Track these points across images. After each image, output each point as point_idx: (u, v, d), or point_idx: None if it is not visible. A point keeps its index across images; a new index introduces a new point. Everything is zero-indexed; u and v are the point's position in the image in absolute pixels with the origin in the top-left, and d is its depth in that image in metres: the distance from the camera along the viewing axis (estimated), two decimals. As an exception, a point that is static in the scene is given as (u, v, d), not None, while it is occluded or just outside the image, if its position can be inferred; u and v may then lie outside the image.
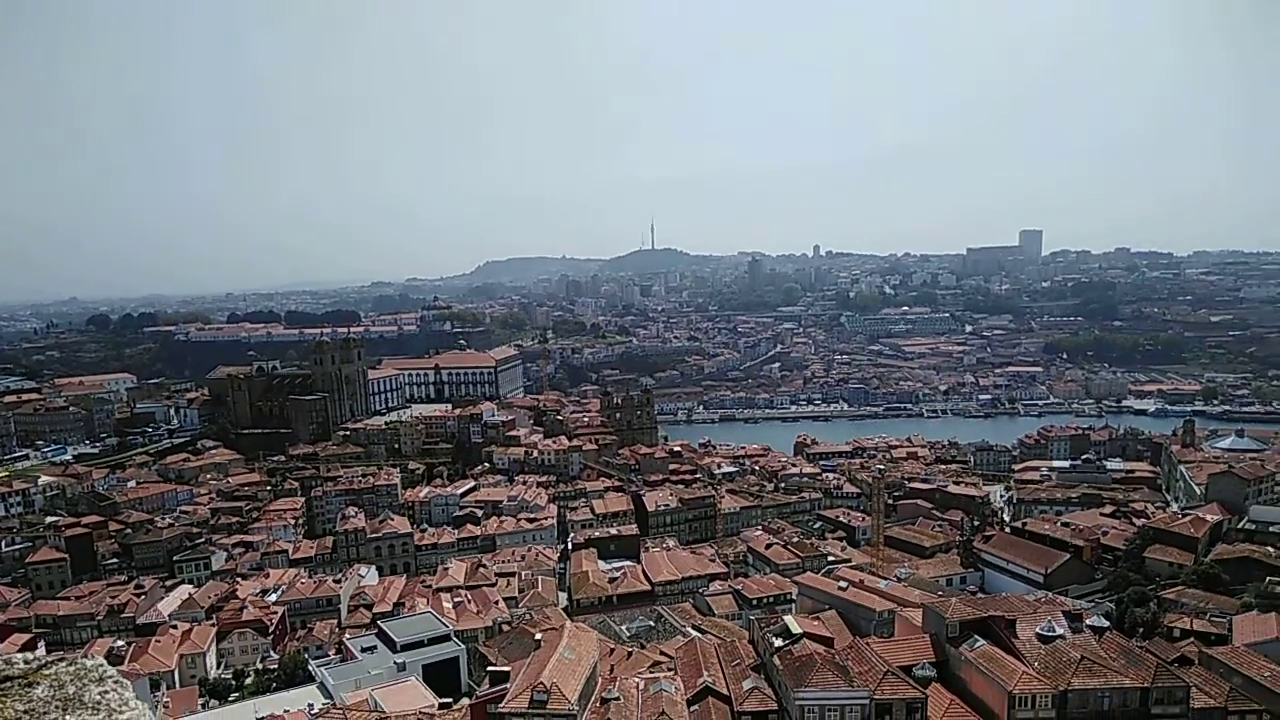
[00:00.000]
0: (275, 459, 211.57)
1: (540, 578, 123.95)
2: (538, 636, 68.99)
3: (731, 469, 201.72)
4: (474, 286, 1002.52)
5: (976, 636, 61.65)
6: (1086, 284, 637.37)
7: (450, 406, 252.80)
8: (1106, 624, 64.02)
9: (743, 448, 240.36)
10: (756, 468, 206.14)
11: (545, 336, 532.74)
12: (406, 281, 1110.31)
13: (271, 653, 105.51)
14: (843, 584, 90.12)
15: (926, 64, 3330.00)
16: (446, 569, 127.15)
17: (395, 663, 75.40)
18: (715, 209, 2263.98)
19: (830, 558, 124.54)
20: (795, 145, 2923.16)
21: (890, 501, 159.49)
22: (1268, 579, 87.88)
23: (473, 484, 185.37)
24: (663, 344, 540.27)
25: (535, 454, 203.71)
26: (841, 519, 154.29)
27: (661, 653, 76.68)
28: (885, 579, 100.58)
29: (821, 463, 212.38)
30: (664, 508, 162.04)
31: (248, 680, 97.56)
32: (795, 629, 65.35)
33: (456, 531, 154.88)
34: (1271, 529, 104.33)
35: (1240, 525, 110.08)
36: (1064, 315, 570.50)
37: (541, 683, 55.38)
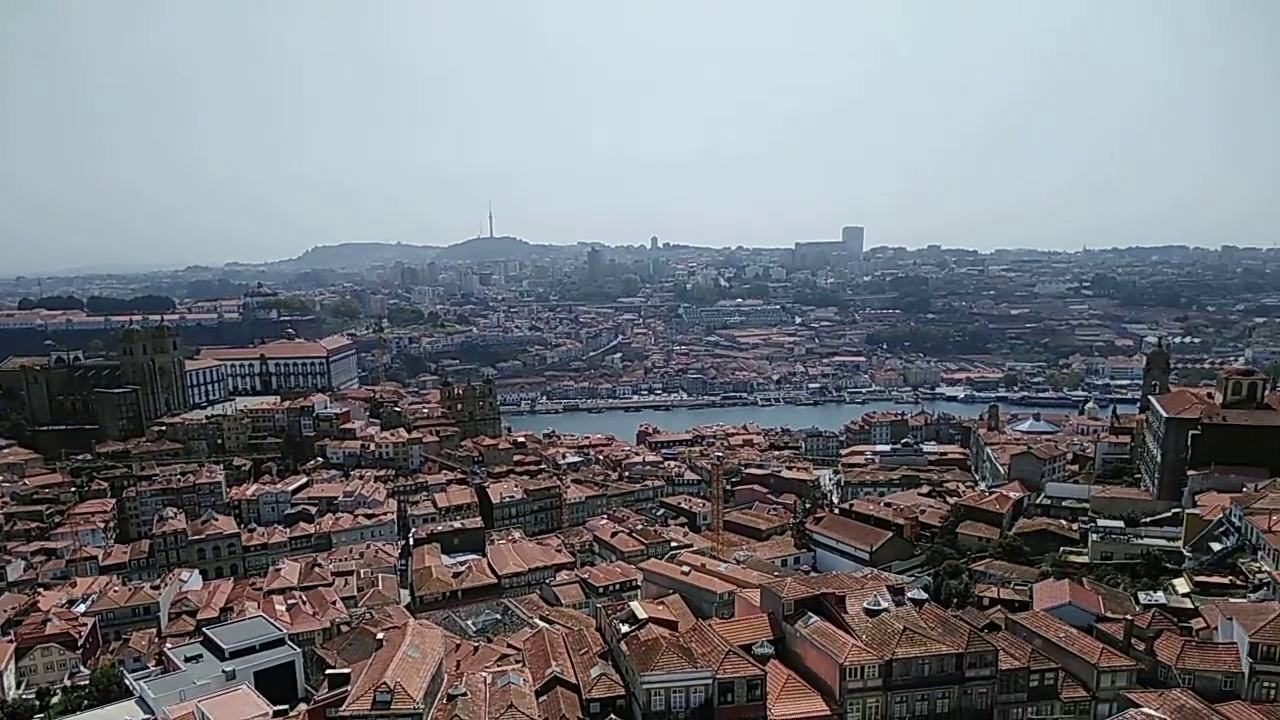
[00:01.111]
0: (80, 458, 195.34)
1: (380, 575, 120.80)
2: (379, 636, 67.26)
3: (576, 459, 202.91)
4: (302, 273, 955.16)
5: (810, 613, 64.89)
6: (903, 279, 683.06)
7: (279, 399, 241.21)
8: (925, 596, 68.98)
9: (587, 437, 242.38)
10: (601, 457, 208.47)
11: (380, 325, 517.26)
12: (226, 266, 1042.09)
13: (81, 668, 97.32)
14: (685, 568, 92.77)
15: (760, 70, 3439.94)
16: (278, 570, 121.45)
17: (224, 671, 71.08)
18: (555, 197, 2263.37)
19: (673, 543, 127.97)
20: (635, 137, 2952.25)
21: (729, 487, 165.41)
22: (1061, 549, 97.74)
23: (305, 480, 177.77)
24: (504, 334, 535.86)
25: (372, 447, 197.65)
26: (683, 505, 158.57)
27: (509, 645, 76.38)
28: (725, 562, 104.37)
29: (663, 451, 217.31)
30: (509, 499, 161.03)
31: (54, 699, 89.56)
32: (641, 614, 66.52)
33: (288, 530, 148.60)
34: (1064, 504, 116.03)
35: (1038, 501, 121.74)
36: (883, 308, 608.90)
37: (384, 683, 53.93)
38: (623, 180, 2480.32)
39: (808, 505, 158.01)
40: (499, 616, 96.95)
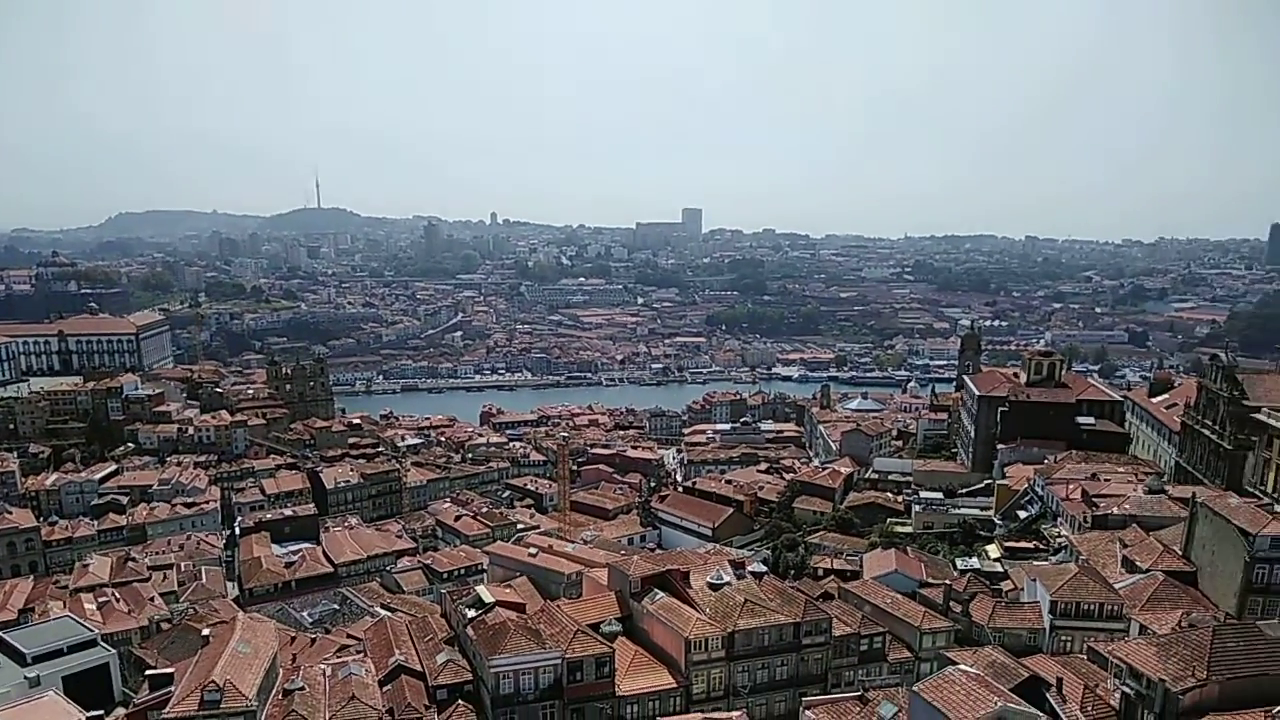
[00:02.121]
0: None
1: (204, 568, 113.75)
2: (205, 632, 63.32)
3: (416, 441, 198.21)
4: (105, 241, 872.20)
5: (656, 590, 66.17)
6: (741, 261, 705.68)
7: (81, 379, 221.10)
8: (765, 569, 71.86)
9: (427, 419, 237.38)
10: (442, 439, 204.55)
11: (197, 300, 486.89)
12: (14, 233, 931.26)
13: None
14: (532, 550, 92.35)
15: (591, 51, 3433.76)
16: (86, 566, 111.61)
17: (26, 678, 64.74)
18: (388, 168, 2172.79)
19: (520, 525, 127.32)
20: (471, 109, 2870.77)
21: (575, 468, 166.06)
22: (888, 520, 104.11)
23: (114, 467, 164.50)
24: (335, 310, 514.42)
25: (191, 431, 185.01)
26: (529, 487, 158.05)
27: (349, 636, 73.87)
28: (573, 542, 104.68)
29: (508, 432, 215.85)
30: (344, 484, 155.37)
31: None
32: (487, 598, 65.71)
33: (96, 523, 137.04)
34: (890, 477, 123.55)
35: (867, 475, 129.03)
36: (722, 289, 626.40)
37: (213, 681, 50.67)
38: (459, 153, 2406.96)
39: (652, 484, 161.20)
40: (337, 606, 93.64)
